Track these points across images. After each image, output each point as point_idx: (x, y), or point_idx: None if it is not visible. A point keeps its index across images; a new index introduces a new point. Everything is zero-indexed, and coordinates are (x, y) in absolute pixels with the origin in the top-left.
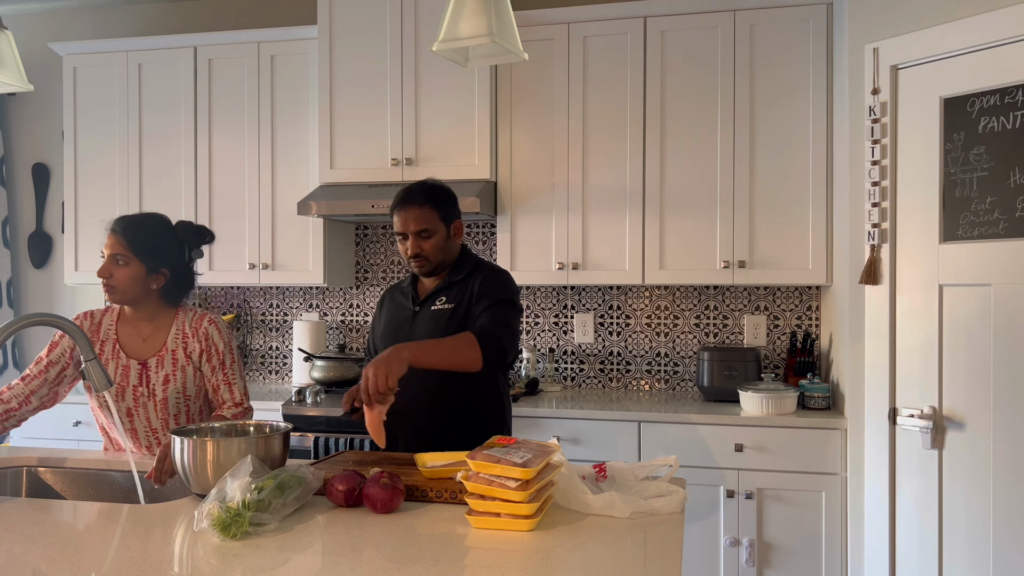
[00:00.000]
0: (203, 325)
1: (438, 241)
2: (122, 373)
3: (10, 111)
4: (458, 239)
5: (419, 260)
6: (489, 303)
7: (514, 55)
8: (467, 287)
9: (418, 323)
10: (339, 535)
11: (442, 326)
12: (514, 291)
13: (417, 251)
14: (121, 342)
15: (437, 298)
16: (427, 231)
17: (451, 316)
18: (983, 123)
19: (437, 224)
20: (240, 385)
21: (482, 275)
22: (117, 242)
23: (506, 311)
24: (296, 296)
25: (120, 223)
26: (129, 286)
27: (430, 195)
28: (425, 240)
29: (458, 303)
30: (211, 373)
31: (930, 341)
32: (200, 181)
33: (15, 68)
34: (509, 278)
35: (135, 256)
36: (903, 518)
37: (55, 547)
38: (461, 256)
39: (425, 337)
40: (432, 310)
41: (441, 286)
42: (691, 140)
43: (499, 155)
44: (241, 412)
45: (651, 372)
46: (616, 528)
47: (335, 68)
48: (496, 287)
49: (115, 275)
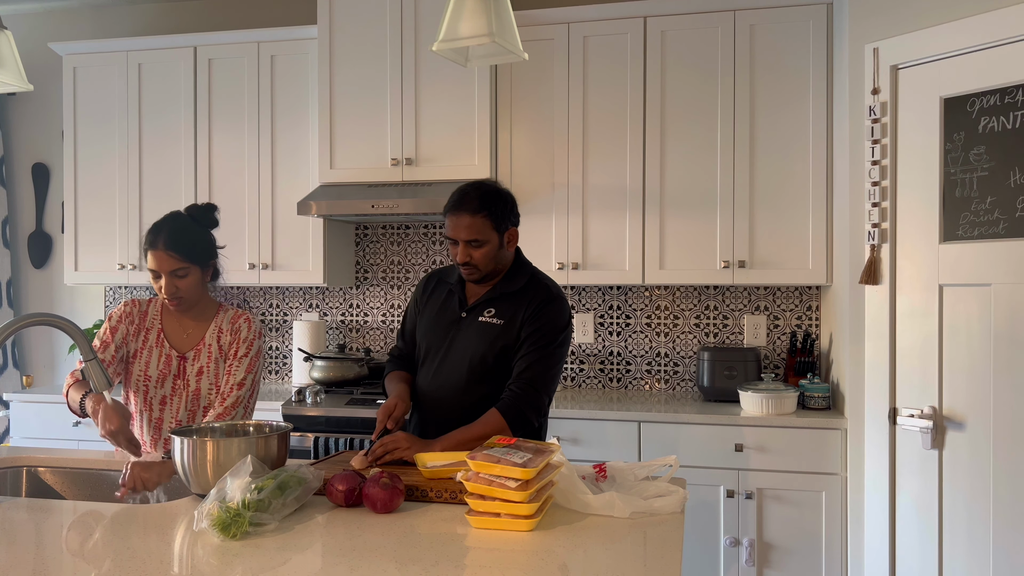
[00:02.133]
0: (238, 321)
1: (489, 251)
2: (164, 362)
3: (10, 111)
4: (511, 247)
5: (468, 268)
6: (531, 350)
7: (514, 55)
8: (519, 305)
9: (464, 332)
10: (339, 535)
11: (491, 341)
12: (562, 327)
13: (467, 259)
14: (166, 332)
15: (486, 308)
16: (478, 240)
17: (500, 334)
18: (983, 123)
19: (490, 233)
20: (238, 376)
21: (538, 300)
22: (171, 257)
23: (548, 362)
24: (296, 296)
25: (162, 238)
26: (195, 292)
27: (484, 201)
28: (476, 249)
29: (508, 320)
30: (225, 362)
31: (930, 341)
32: (200, 181)
33: (15, 68)
34: (561, 309)
35: (192, 263)
36: (903, 518)
37: (55, 547)
38: (515, 264)
39: (470, 347)
40: (480, 321)
41: (491, 296)
42: (691, 139)
43: (499, 155)
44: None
45: (651, 372)
46: (616, 528)
47: (335, 68)
48: (545, 327)
49: (180, 288)
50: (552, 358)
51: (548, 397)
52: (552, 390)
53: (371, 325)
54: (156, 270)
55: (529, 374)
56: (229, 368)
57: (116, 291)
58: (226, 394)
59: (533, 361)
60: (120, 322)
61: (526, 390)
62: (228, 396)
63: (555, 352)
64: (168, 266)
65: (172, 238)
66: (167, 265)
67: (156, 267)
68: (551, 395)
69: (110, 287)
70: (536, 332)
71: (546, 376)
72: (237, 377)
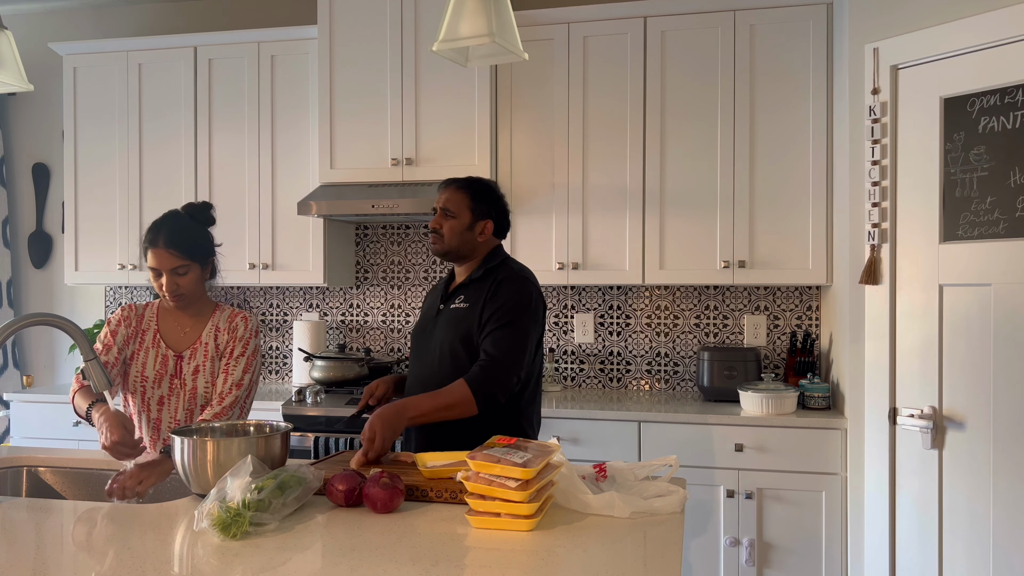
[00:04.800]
0: (235, 320)
1: (456, 225)
2: (161, 362)
3: (10, 111)
4: (482, 237)
5: (435, 236)
6: (493, 327)
7: (514, 55)
8: (484, 287)
9: (439, 323)
10: (339, 535)
11: (458, 328)
12: (524, 306)
13: (436, 226)
14: (162, 332)
15: (457, 297)
16: (451, 212)
17: (465, 316)
18: (983, 123)
19: (463, 210)
20: (235, 376)
21: (498, 281)
22: (171, 255)
23: (512, 340)
24: (296, 296)
25: (162, 236)
26: (195, 288)
27: (470, 183)
28: (446, 219)
29: (472, 303)
30: (222, 361)
31: (930, 341)
32: (200, 181)
33: (15, 68)
34: (524, 289)
35: (192, 261)
36: (903, 518)
37: (55, 547)
38: (489, 255)
39: (442, 335)
40: (451, 309)
41: (463, 283)
42: (691, 140)
43: (499, 155)
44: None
45: (651, 372)
46: (616, 528)
47: (335, 68)
48: (505, 305)
49: (181, 285)
50: (515, 336)
51: (516, 376)
52: (519, 368)
53: (371, 325)
54: (157, 268)
55: (492, 350)
56: (226, 367)
57: (116, 291)
58: (224, 394)
59: (496, 338)
60: (119, 325)
61: (489, 364)
62: (226, 396)
63: (518, 330)
64: (169, 264)
65: (172, 236)
66: (168, 263)
67: (157, 265)
68: (519, 375)
69: (110, 287)
70: (498, 310)
71: (511, 353)
72: (235, 377)
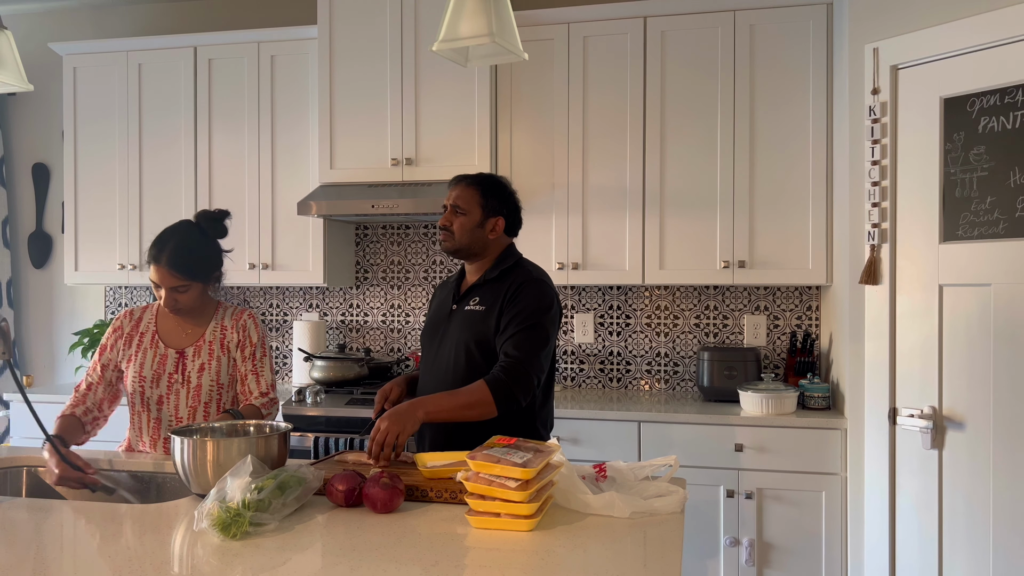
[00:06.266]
0: (243, 318)
1: (467, 222)
2: (159, 361)
3: (10, 111)
4: (493, 235)
5: (444, 233)
6: (515, 330)
7: (514, 55)
8: (501, 289)
9: (452, 324)
10: (339, 535)
11: (473, 330)
12: (545, 309)
13: (446, 224)
14: (160, 334)
15: (471, 298)
16: (461, 208)
17: (481, 319)
18: (983, 123)
19: (473, 206)
20: (268, 377)
21: (517, 283)
22: (170, 275)
23: (531, 341)
24: (296, 296)
25: (166, 255)
26: (196, 303)
27: (481, 179)
28: (456, 216)
29: (489, 306)
30: (241, 363)
31: (930, 341)
32: (200, 181)
33: (15, 68)
34: (543, 291)
35: (193, 280)
36: (903, 518)
37: (55, 547)
38: (503, 254)
39: (457, 337)
40: (465, 311)
41: (477, 283)
42: (691, 140)
43: (499, 155)
44: (268, 402)
45: (651, 372)
46: (616, 528)
47: (335, 68)
48: (527, 308)
49: (180, 301)
50: (536, 339)
51: (536, 378)
52: (540, 371)
53: (371, 325)
54: (157, 283)
55: (514, 352)
56: (255, 370)
57: (116, 291)
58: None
59: (517, 341)
60: (112, 337)
61: (512, 365)
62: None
63: (538, 333)
64: (169, 282)
65: (175, 257)
66: (168, 281)
67: (158, 280)
68: (540, 377)
69: (110, 287)
70: (519, 313)
71: (532, 355)
72: (268, 378)
